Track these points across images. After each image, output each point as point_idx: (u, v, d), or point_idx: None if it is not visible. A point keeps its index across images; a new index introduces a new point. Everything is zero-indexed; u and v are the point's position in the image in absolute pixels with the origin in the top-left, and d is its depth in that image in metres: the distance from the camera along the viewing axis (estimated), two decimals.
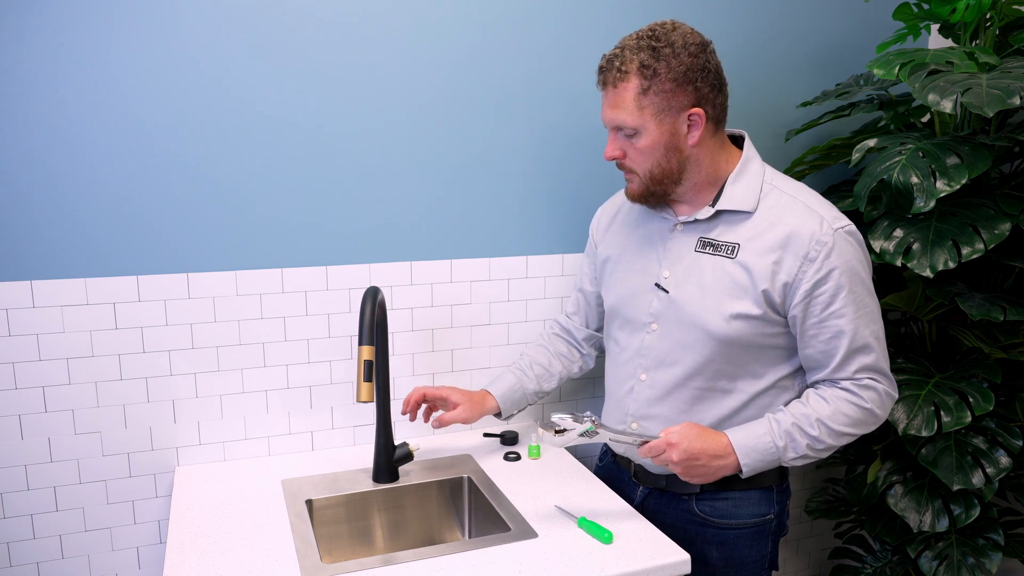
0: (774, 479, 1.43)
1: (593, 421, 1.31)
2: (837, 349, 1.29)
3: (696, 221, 1.37)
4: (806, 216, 1.29)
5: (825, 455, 1.33)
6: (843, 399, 1.30)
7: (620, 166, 1.37)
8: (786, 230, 1.29)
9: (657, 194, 1.36)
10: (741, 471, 1.31)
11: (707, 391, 1.37)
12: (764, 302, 1.30)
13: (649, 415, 1.42)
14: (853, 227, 1.30)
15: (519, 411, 1.62)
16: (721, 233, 1.34)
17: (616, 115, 1.30)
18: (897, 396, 1.36)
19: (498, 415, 1.59)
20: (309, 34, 1.53)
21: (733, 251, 1.32)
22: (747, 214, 1.33)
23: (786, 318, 1.32)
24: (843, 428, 1.30)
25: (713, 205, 1.35)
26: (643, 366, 1.42)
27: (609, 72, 1.30)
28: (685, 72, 1.26)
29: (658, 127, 1.29)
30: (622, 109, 1.29)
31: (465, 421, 1.52)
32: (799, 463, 1.32)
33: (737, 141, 1.41)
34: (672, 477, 1.43)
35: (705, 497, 1.42)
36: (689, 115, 1.29)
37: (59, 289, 1.46)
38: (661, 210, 1.42)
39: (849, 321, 1.28)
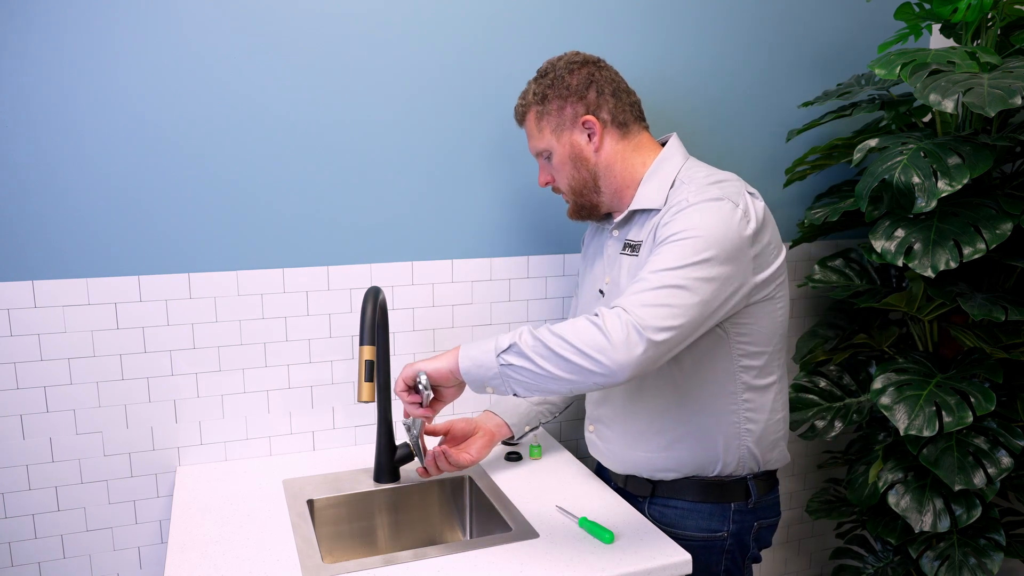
0: (735, 496, 1.39)
1: (411, 430, 1.38)
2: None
3: (620, 225, 1.42)
4: (685, 191, 1.27)
5: (548, 365, 1.14)
6: (584, 317, 1.17)
7: (556, 190, 1.46)
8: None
9: (587, 207, 1.43)
10: (459, 363, 1.21)
11: (637, 386, 1.39)
12: None
13: (599, 417, 1.49)
14: (731, 204, 1.21)
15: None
16: (636, 233, 1.38)
17: (531, 144, 1.44)
18: (645, 344, 1.12)
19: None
20: (311, 33, 1.53)
21: (638, 248, 1.36)
22: (656, 211, 1.34)
23: None
24: (565, 335, 1.13)
25: None
26: None
27: (517, 112, 1.45)
28: (567, 87, 1.37)
29: (559, 142, 1.39)
30: (531, 137, 1.42)
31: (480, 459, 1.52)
32: (514, 360, 1.15)
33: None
34: (631, 478, 1.45)
35: (656, 502, 1.44)
36: (584, 124, 1.37)
37: (61, 289, 1.46)
38: (605, 221, 1.48)
39: (656, 263, 1.18)
